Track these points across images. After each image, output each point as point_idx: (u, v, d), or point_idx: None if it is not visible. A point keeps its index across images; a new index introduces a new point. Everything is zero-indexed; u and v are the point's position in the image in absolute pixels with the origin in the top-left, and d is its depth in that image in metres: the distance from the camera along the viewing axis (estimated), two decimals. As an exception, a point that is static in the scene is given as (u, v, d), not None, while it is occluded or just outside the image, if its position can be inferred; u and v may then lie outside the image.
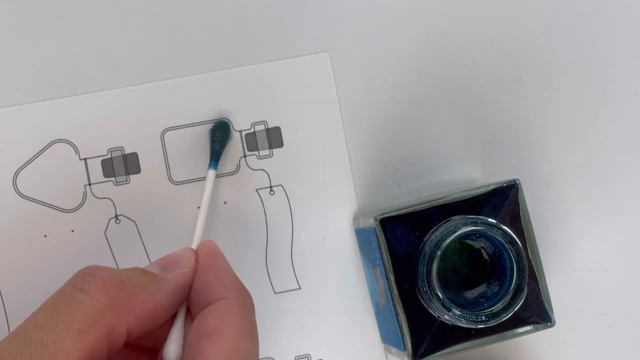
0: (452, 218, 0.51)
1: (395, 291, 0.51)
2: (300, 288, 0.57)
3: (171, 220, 0.56)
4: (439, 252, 0.50)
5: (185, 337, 0.46)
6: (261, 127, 0.57)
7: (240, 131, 0.57)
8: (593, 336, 0.58)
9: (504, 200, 0.52)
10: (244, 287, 0.47)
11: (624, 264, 0.58)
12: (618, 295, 0.58)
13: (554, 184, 0.58)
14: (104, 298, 0.43)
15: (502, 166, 0.58)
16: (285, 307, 0.56)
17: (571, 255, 0.58)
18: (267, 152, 0.57)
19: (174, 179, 0.56)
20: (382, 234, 0.51)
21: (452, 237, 0.49)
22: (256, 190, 0.57)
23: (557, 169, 0.58)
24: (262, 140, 0.57)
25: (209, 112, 0.56)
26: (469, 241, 0.52)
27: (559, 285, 0.57)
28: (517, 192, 0.52)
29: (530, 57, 0.58)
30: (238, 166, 0.57)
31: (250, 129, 0.57)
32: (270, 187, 0.57)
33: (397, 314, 0.51)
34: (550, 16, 0.58)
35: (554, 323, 0.52)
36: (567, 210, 0.58)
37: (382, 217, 0.51)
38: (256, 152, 0.57)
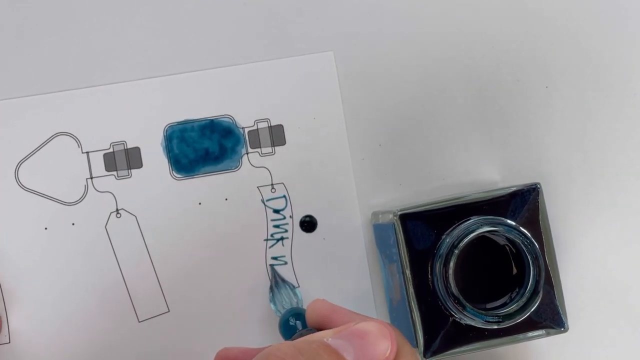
0: (471, 218, 0.51)
1: (411, 287, 0.50)
2: (299, 286, 0.56)
3: (172, 215, 0.56)
4: (456, 251, 0.49)
5: None
6: (264, 125, 0.56)
7: (243, 128, 0.56)
8: (608, 343, 0.57)
9: (523, 204, 0.52)
10: None
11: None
12: (636, 301, 0.58)
13: (554, 184, 0.58)
14: None
15: (502, 166, 0.58)
16: (286, 306, 0.56)
17: (585, 259, 0.58)
18: (269, 149, 0.56)
19: (176, 175, 0.56)
20: (401, 230, 0.51)
21: (471, 236, 0.49)
22: (257, 187, 0.56)
23: (557, 169, 0.58)
24: (264, 137, 0.56)
25: (212, 108, 0.56)
26: (492, 237, 0.51)
27: (574, 291, 0.57)
28: (538, 195, 0.52)
29: (530, 57, 0.58)
30: (240, 163, 0.56)
31: (253, 126, 0.56)
32: (272, 184, 0.56)
33: (411, 311, 0.51)
34: (551, 16, 0.59)
35: (568, 329, 0.52)
36: (567, 210, 0.58)
37: (401, 213, 0.51)
38: (258, 150, 0.56)
